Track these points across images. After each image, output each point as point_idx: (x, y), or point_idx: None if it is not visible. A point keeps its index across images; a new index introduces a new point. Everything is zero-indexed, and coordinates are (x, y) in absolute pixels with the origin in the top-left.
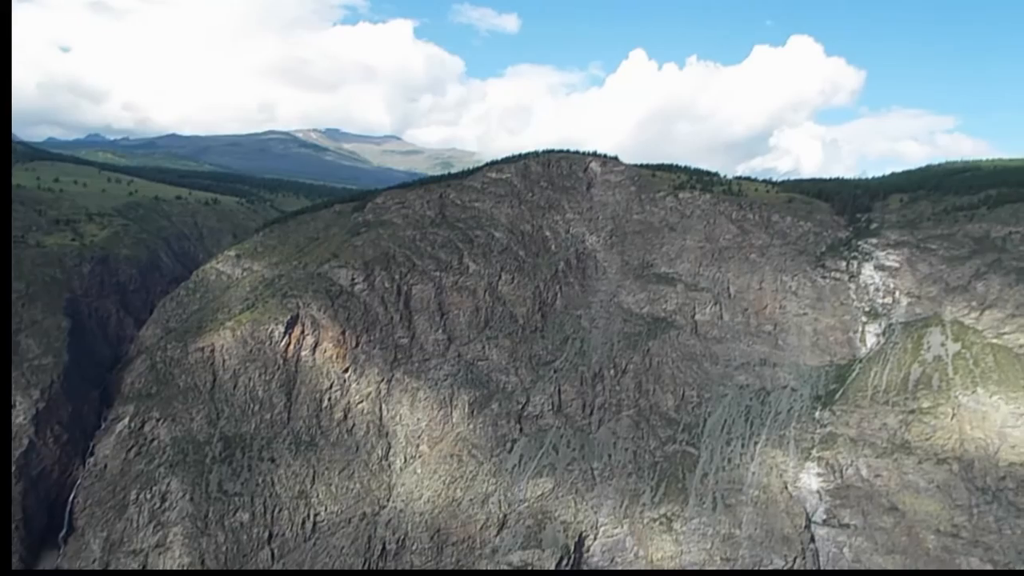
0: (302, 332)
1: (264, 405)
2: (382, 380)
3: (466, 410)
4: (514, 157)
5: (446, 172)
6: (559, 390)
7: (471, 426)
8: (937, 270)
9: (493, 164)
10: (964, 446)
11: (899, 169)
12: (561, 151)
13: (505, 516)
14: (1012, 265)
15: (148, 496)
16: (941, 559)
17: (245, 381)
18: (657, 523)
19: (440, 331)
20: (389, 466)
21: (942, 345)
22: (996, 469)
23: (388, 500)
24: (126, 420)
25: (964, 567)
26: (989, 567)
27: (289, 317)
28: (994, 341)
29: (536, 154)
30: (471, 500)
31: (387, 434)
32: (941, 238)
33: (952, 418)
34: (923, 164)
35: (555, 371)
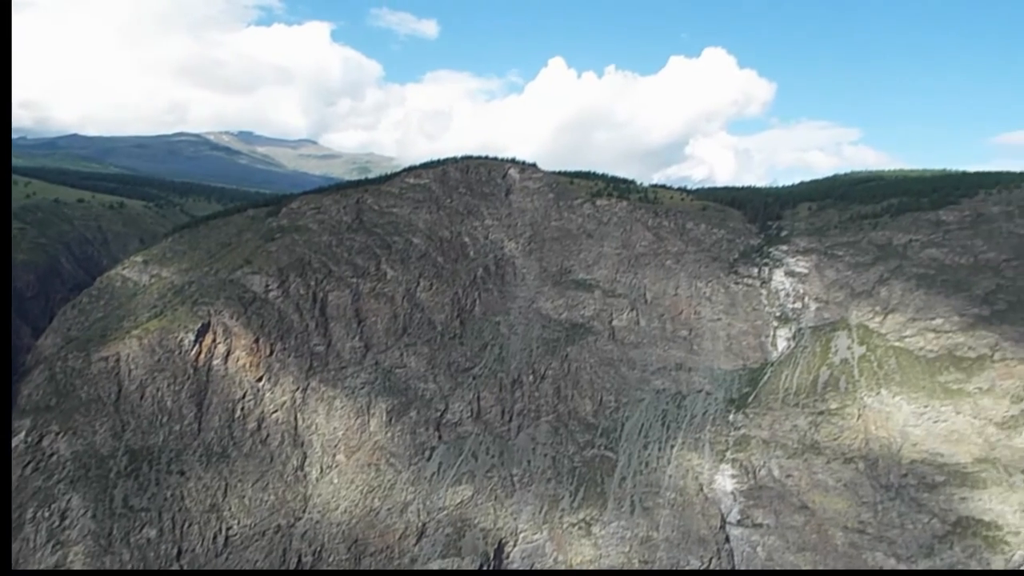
0: (214, 340)
1: (173, 416)
2: (297, 389)
3: (384, 418)
4: (433, 163)
5: (364, 177)
6: (478, 397)
7: (389, 434)
8: (843, 276)
9: (411, 169)
10: (869, 445)
11: (808, 178)
12: (480, 157)
13: (424, 525)
14: (913, 271)
15: (46, 514)
16: (848, 555)
17: (153, 391)
18: (576, 528)
19: (357, 338)
20: (305, 476)
21: (848, 348)
22: (899, 467)
23: (304, 511)
24: (22, 435)
25: (870, 562)
26: (893, 562)
27: (200, 325)
28: (896, 344)
29: (455, 160)
30: (389, 509)
31: (303, 444)
32: (847, 245)
33: (858, 419)
34: (830, 174)
35: (474, 378)
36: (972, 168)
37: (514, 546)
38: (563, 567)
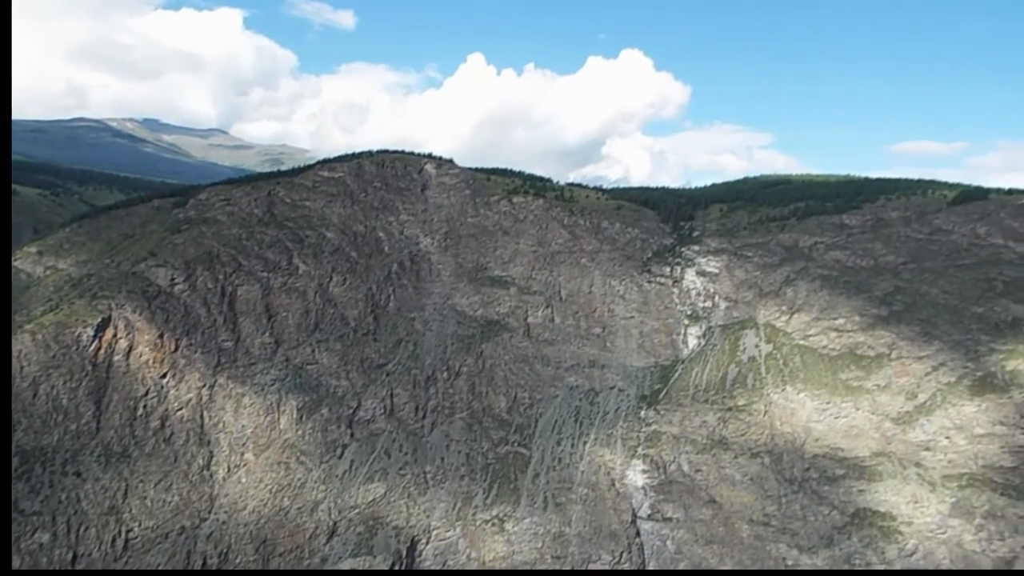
0: (114, 335)
1: (69, 415)
2: (204, 386)
3: (294, 415)
4: (348, 156)
5: (276, 169)
6: (391, 393)
7: (300, 432)
8: (752, 276)
9: (326, 162)
10: (775, 440)
11: (719, 181)
12: (396, 151)
13: (335, 523)
14: (817, 272)
15: None
16: (754, 547)
17: (47, 389)
18: (490, 524)
19: (267, 334)
20: (211, 476)
21: (756, 346)
22: (802, 461)
23: (210, 512)
24: None
25: (774, 554)
26: (795, 553)
27: (100, 319)
28: (801, 343)
29: (370, 154)
30: (299, 508)
31: (209, 442)
32: (756, 246)
33: (764, 415)
34: (741, 177)
35: (388, 374)
36: (873, 175)
37: (427, 544)
38: (476, 563)
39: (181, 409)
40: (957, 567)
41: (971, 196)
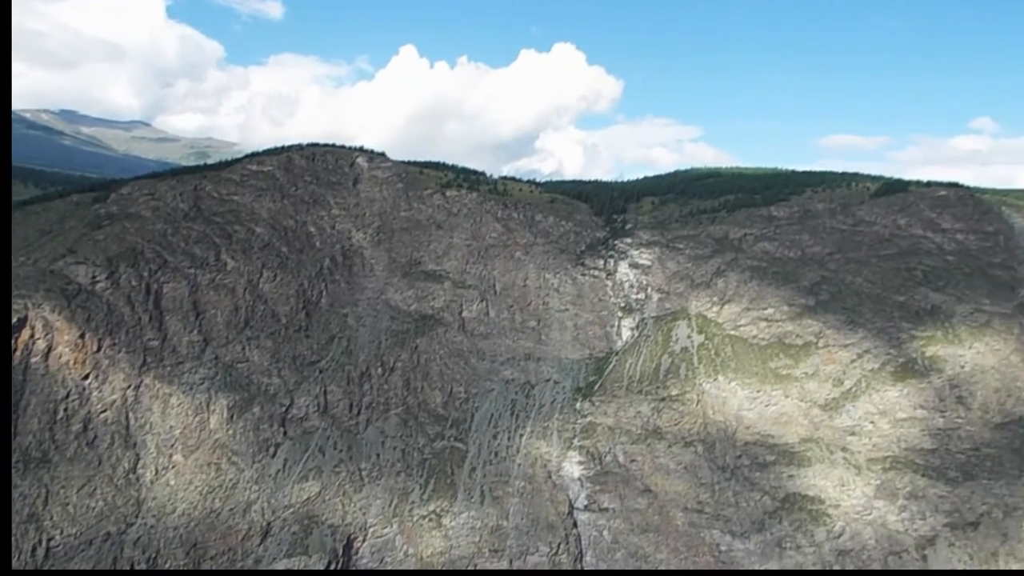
0: (32, 336)
1: None
2: (129, 386)
3: (225, 415)
4: (277, 149)
5: (202, 163)
6: (325, 391)
7: (231, 432)
8: (684, 268)
9: (254, 156)
10: (707, 429)
11: (651, 174)
12: (327, 145)
13: (269, 524)
14: (747, 264)
15: None
16: (688, 534)
17: None
18: (427, 520)
19: (195, 332)
20: (138, 479)
21: (688, 337)
22: (734, 449)
23: (137, 516)
24: None
25: (708, 540)
26: (728, 538)
27: (16, 320)
28: (732, 333)
29: (300, 147)
30: (231, 510)
31: (135, 445)
32: (687, 238)
33: (697, 404)
34: (672, 170)
35: (321, 371)
36: (800, 167)
37: (363, 541)
38: (413, 560)
39: (105, 411)
40: (882, 547)
41: (892, 188)
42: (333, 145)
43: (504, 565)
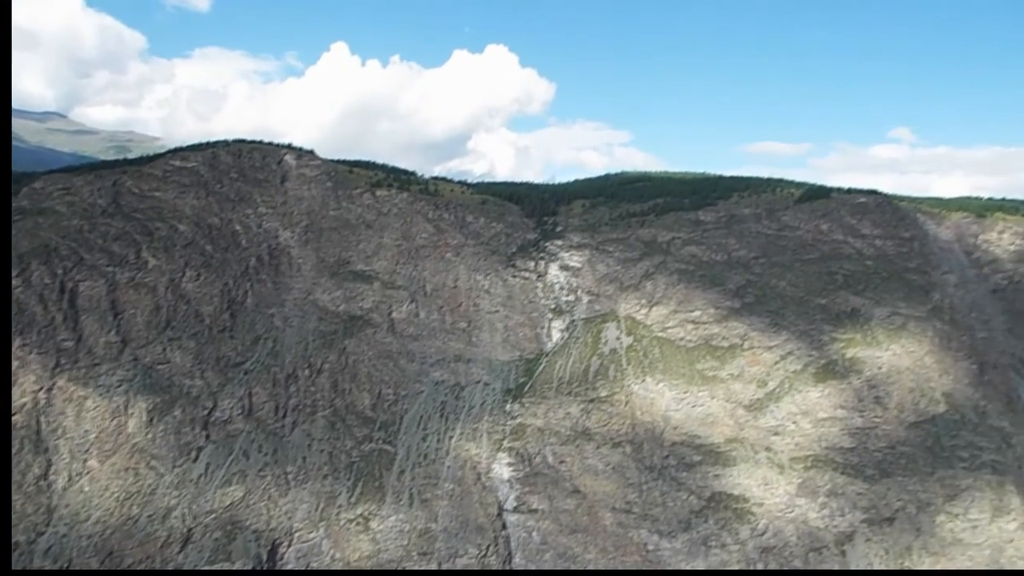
0: None
1: None
2: (40, 389)
3: (144, 418)
4: (202, 145)
5: (123, 157)
6: (250, 393)
7: (150, 435)
8: (613, 270)
9: (178, 151)
10: (635, 430)
11: (582, 176)
12: (254, 141)
13: (190, 530)
14: (675, 267)
15: None
16: (616, 534)
17: None
18: (354, 523)
19: (113, 333)
20: (49, 486)
21: (617, 339)
22: (661, 449)
23: (48, 525)
24: None
25: (636, 540)
26: (656, 538)
27: None
28: (660, 335)
29: (227, 143)
30: (150, 517)
31: (47, 450)
32: (617, 241)
33: (625, 405)
34: (603, 173)
35: (246, 372)
36: (727, 173)
37: (289, 547)
38: (340, 564)
39: (15, 415)
40: (803, 544)
41: (815, 194)
42: (261, 142)
43: (433, 568)
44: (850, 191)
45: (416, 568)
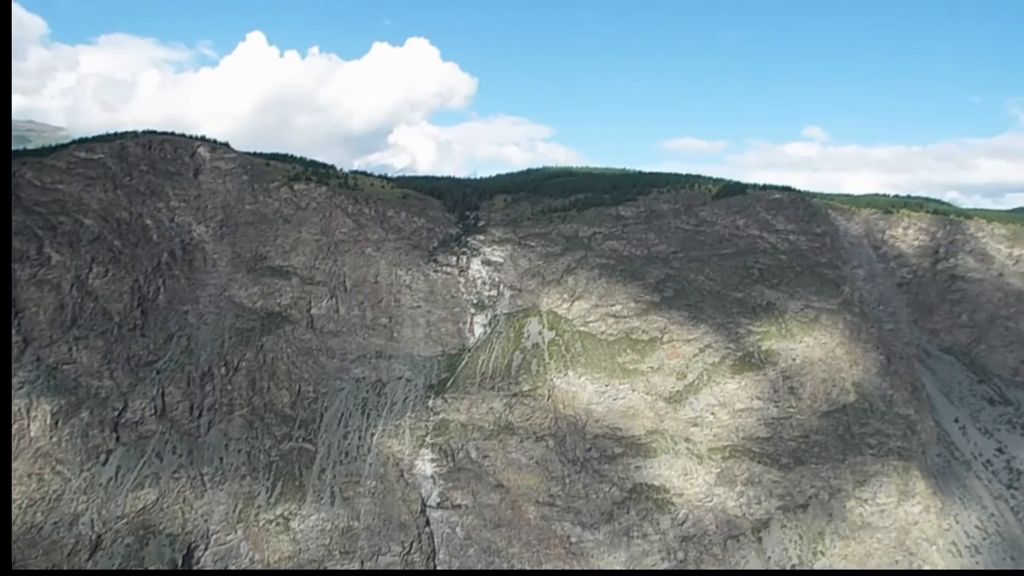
0: None
1: None
2: None
3: (48, 421)
4: (109, 136)
5: (22, 147)
6: (163, 392)
7: (55, 439)
8: (535, 265)
9: (83, 142)
10: (558, 423)
11: (504, 171)
12: (165, 133)
13: (99, 537)
14: (596, 262)
15: None
16: (540, 527)
17: None
18: (274, 524)
19: (14, 332)
20: None
21: (539, 333)
22: (584, 442)
23: None
24: None
25: (559, 532)
26: (579, 530)
27: None
28: (582, 329)
29: (136, 134)
30: (56, 524)
31: None
32: (539, 236)
33: (548, 399)
34: (524, 168)
35: (158, 372)
36: (647, 168)
37: (205, 550)
38: (259, 566)
39: None
40: (722, 531)
41: (731, 191)
42: (172, 133)
43: (355, 567)
44: (765, 187)
45: (338, 568)
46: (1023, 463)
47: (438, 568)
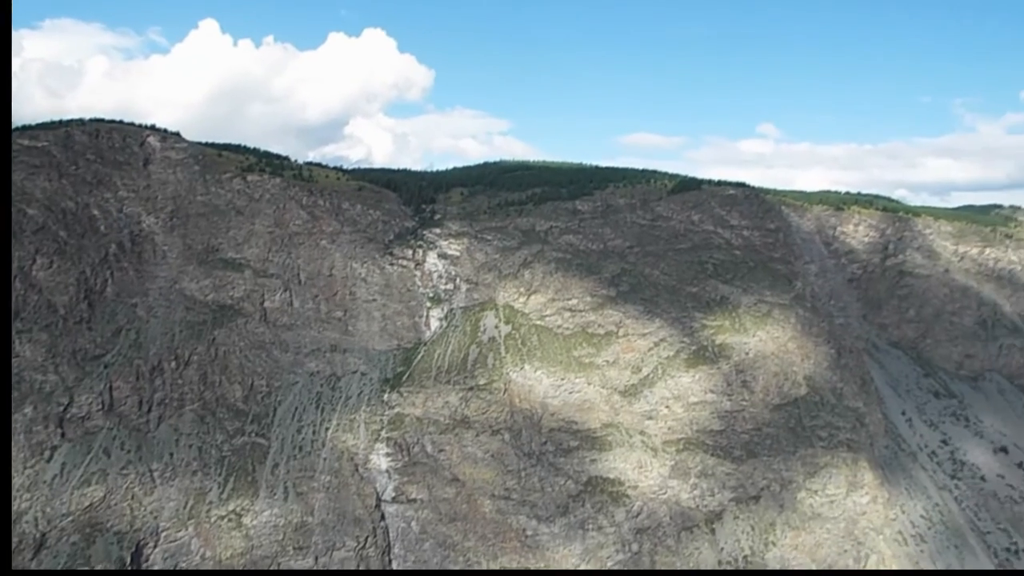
0: None
1: None
2: None
3: None
4: (54, 124)
5: None
6: (111, 387)
7: None
8: (492, 259)
9: (27, 130)
10: (514, 417)
11: (461, 164)
12: (113, 121)
13: (43, 536)
14: (552, 256)
15: None
16: (496, 521)
17: None
18: (226, 520)
19: None
20: None
21: (496, 327)
22: (540, 435)
23: None
24: None
25: (515, 526)
26: (534, 523)
27: None
28: (538, 323)
29: (82, 122)
30: None
31: None
32: (496, 230)
33: (504, 392)
34: (481, 161)
35: (106, 366)
36: (603, 163)
37: (154, 547)
38: (211, 563)
39: None
40: (676, 523)
41: (687, 186)
42: (120, 122)
43: (309, 562)
44: (720, 183)
45: (292, 564)
46: (966, 454)
47: (393, 563)
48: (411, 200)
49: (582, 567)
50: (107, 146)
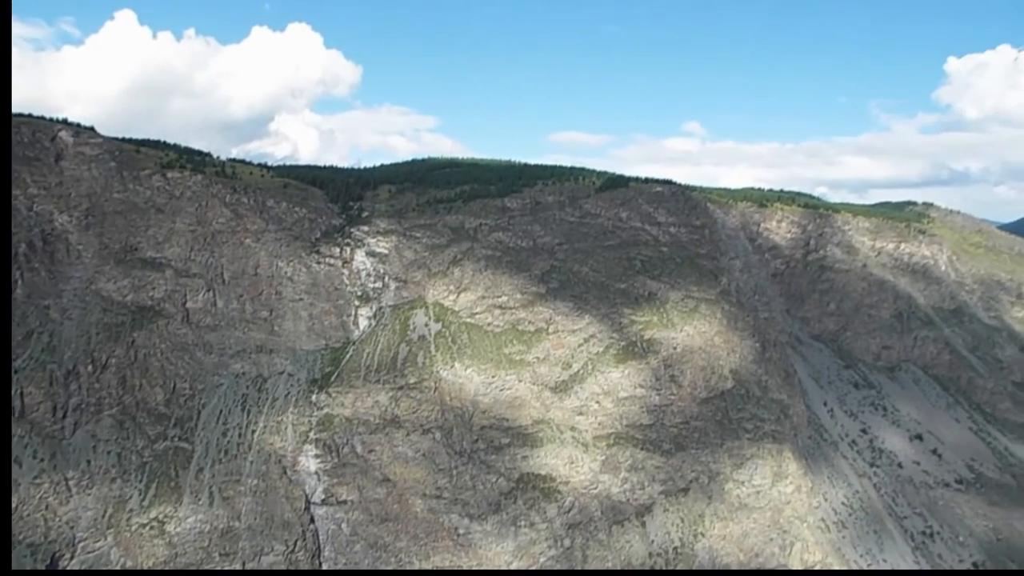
0: None
1: None
2: None
3: None
4: None
5: None
6: (22, 393)
7: None
8: (421, 257)
9: None
10: (445, 415)
11: (389, 161)
12: (22, 115)
13: None
14: (482, 253)
15: None
16: (428, 520)
17: None
18: (148, 528)
19: None
20: None
21: (426, 325)
22: (471, 433)
23: None
24: None
25: (447, 524)
26: (467, 521)
27: None
28: (468, 320)
29: None
30: None
31: None
32: (425, 227)
33: (435, 391)
34: (410, 159)
35: (17, 371)
36: (532, 161)
37: (71, 558)
38: None
39: None
40: (607, 517)
41: (615, 184)
42: (30, 116)
43: (236, 568)
44: (647, 181)
45: (220, 568)
46: (884, 442)
47: (323, 565)
48: (338, 197)
49: (514, 564)
50: (16, 142)
